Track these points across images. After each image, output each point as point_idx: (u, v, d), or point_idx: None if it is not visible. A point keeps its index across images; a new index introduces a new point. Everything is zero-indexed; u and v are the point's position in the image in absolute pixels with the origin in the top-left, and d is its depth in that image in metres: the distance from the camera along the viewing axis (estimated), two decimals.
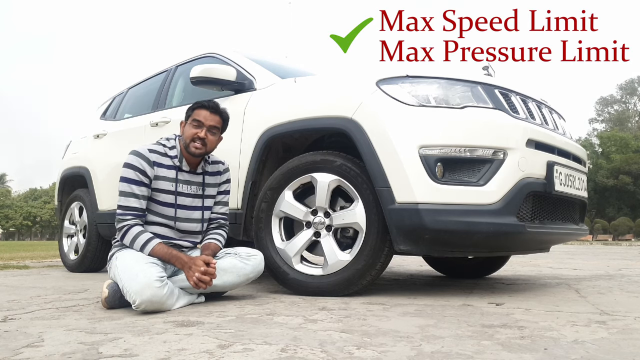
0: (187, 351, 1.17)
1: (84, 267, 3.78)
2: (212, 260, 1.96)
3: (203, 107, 2.10)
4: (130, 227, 1.99)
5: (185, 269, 1.93)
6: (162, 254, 1.96)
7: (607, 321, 1.57)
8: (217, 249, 2.14)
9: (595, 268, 4.29)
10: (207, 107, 2.10)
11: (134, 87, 4.09)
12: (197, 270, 1.89)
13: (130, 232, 1.98)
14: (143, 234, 1.99)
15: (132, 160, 2.03)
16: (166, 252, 1.97)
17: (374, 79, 2.15)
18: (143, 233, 1.99)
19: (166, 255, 1.97)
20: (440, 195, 1.94)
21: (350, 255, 2.11)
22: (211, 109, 2.10)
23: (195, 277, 1.89)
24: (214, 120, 2.10)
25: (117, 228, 2.02)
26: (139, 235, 1.98)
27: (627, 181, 36.77)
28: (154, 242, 1.97)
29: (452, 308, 1.84)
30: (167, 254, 1.97)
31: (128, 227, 1.99)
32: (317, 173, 2.20)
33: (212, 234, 2.20)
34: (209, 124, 2.09)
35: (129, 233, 1.99)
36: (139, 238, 1.97)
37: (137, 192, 2.01)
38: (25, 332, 1.43)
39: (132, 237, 1.98)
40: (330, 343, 1.24)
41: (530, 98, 2.33)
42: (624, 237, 31.55)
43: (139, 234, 1.98)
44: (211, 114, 2.10)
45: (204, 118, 2.08)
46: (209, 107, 2.10)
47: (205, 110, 2.10)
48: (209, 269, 1.92)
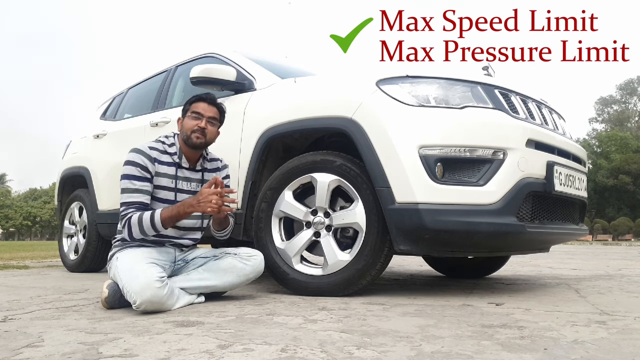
0: (187, 351, 1.17)
1: (84, 267, 3.78)
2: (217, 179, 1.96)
3: (201, 99, 2.15)
4: (130, 217, 1.96)
5: (195, 206, 1.93)
6: (172, 215, 1.95)
7: (607, 321, 1.58)
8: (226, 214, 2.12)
9: (595, 268, 4.29)
10: (205, 100, 2.15)
11: (134, 87, 4.09)
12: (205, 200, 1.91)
13: (132, 220, 1.95)
14: (144, 214, 1.96)
15: (133, 157, 2.04)
16: (173, 210, 1.96)
17: (373, 79, 2.16)
18: (143, 214, 1.96)
19: (175, 212, 1.95)
20: (440, 195, 1.94)
21: (350, 255, 2.11)
22: (209, 101, 2.15)
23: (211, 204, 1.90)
24: (212, 111, 2.15)
25: (119, 226, 2.01)
26: (141, 218, 1.95)
27: (626, 181, 36.77)
28: (158, 213, 1.96)
29: (452, 308, 1.84)
30: (175, 210, 1.96)
31: (129, 218, 1.96)
32: (317, 173, 2.20)
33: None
34: (208, 115, 2.13)
35: (131, 222, 1.95)
36: (143, 219, 1.94)
37: (140, 188, 2.01)
38: (25, 332, 1.43)
39: (136, 223, 1.94)
40: (330, 343, 1.24)
41: (530, 98, 2.33)
42: (624, 237, 31.56)
43: (140, 216, 1.95)
44: (209, 106, 2.15)
45: (203, 109, 2.13)
46: (207, 99, 2.15)
47: (204, 102, 2.14)
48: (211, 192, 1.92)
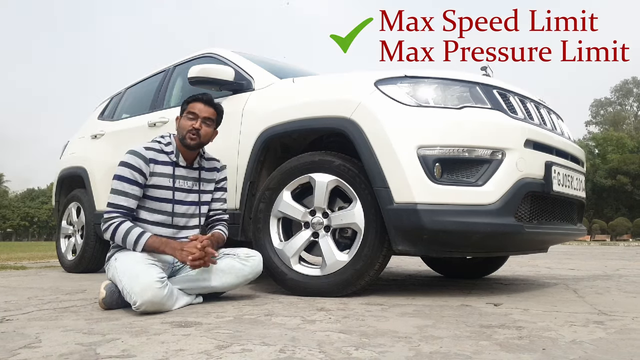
0: (185, 352, 1.17)
1: (82, 267, 3.77)
2: (201, 238, 1.97)
3: (197, 99, 2.15)
4: (119, 223, 1.99)
5: (177, 253, 1.94)
6: (155, 245, 1.96)
7: (605, 321, 1.58)
8: (220, 237, 2.17)
9: (593, 268, 4.30)
10: (202, 100, 2.15)
11: (132, 87, 4.09)
12: (188, 253, 1.91)
13: (120, 229, 1.98)
14: (134, 229, 1.98)
15: (128, 159, 2.04)
16: (158, 241, 1.98)
17: (372, 79, 2.15)
18: (134, 229, 1.99)
19: (157, 246, 1.97)
20: (438, 195, 1.94)
21: (349, 255, 2.11)
22: (205, 102, 2.15)
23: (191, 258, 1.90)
24: (208, 112, 2.14)
25: (103, 225, 2.02)
26: (130, 231, 1.97)
27: (624, 181, 36.85)
28: (146, 236, 1.97)
29: (451, 308, 1.84)
30: (159, 242, 1.97)
31: (118, 224, 1.99)
32: (315, 173, 2.20)
33: (216, 227, 2.23)
34: (204, 115, 2.13)
35: (119, 230, 1.98)
36: (131, 233, 1.97)
37: (128, 191, 2.01)
38: (22, 333, 1.42)
39: (124, 233, 1.97)
40: (328, 344, 1.24)
41: (528, 98, 2.33)
42: (622, 237, 31.61)
43: (129, 229, 1.98)
44: (205, 106, 2.14)
45: (199, 110, 2.13)
46: (203, 99, 2.15)
47: (200, 103, 2.14)
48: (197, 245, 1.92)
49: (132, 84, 4.11)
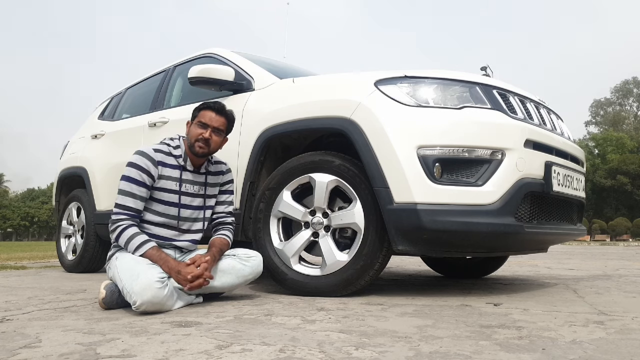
0: (185, 352, 1.17)
1: (82, 267, 3.77)
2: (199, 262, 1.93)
3: (209, 108, 2.11)
4: (126, 227, 1.99)
5: (173, 275, 1.90)
6: (154, 259, 1.94)
7: (604, 321, 1.58)
8: (223, 243, 2.11)
9: (593, 268, 4.30)
10: (213, 109, 2.11)
11: (132, 87, 4.09)
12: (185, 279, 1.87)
13: (125, 233, 1.98)
14: (139, 235, 1.98)
15: (137, 159, 2.03)
16: (157, 255, 1.95)
17: (372, 79, 2.16)
18: (139, 235, 1.99)
19: (156, 259, 1.94)
20: (438, 195, 1.94)
21: (349, 255, 2.11)
22: (217, 111, 2.11)
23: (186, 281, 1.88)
24: (219, 121, 2.11)
25: (111, 226, 2.02)
26: (134, 237, 1.97)
27: (624, 181, 36.85)
28: (148, 245, 1.97)
29: (450, 308, 1.84)
30: (157, 257, 1.95)
31: (124, 227, 1.99)
32: (315, 173, 2.20)
33: (220, 231, 2.20)
34: (214, 125, 2.09)
35: (124, 233, 1.98)
36: (134, 239, 1.97)
37: (136, 192, 2.01)
38: (22, 332, 1.42)
39: (128, 237, 1.97)
40: (328, 343, 1.24)
41: (528, 98, 2.33)
42: (621, 237, 31.62)
43: (134, 234, 1.98)
44: (217, 116, 2.10)
45: (210, 119, 2.09)
46: (215, 108, 2.11)
47: (211, 112, 2.10)
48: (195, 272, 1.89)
49: (132, 84, 4.11)
